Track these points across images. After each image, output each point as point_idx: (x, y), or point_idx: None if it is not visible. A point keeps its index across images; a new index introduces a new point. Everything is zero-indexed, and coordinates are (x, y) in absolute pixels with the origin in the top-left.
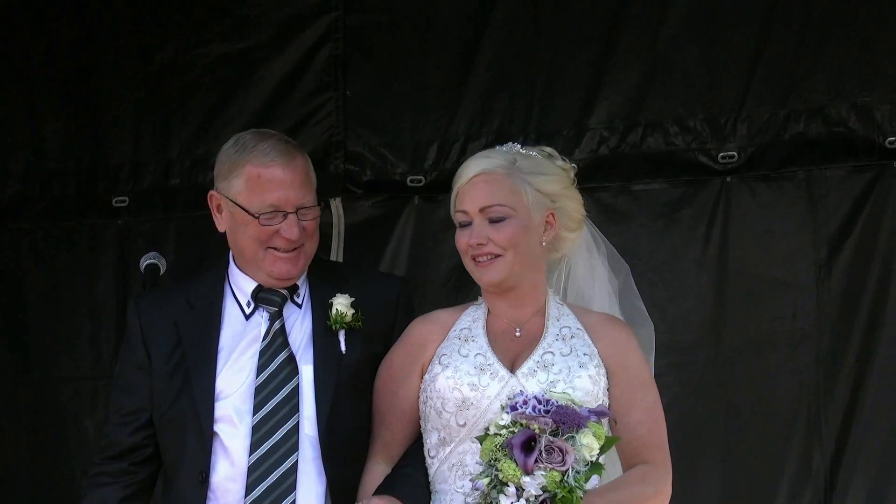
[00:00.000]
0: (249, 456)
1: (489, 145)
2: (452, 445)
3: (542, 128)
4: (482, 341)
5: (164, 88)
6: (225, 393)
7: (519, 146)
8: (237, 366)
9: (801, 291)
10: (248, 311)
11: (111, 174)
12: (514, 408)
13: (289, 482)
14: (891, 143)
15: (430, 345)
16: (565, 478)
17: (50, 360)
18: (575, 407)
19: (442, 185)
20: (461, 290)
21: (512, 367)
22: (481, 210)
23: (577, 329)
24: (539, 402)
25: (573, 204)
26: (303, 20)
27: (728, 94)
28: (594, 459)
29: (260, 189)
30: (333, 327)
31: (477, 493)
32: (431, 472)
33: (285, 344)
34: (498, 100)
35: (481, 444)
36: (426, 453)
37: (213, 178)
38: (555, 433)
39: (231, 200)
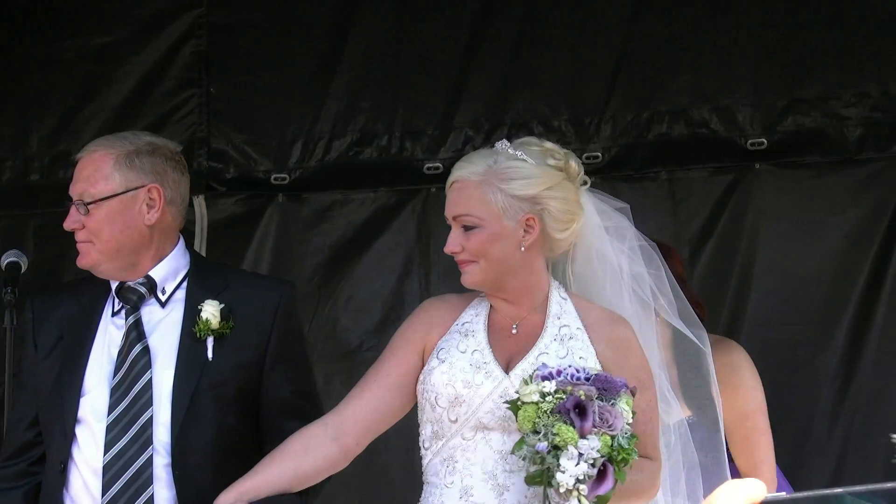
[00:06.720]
0: (104, 455)
1: (355, 143)
2: (444, 440)
3: (407, 127)
4: (481, 337)
5: (23, 83)
6: (86, 390)
7: (508, 145)
8: (99, 363)
9: None
10: (115, 308)
11: None
12: (545, 377)
13: (142, 480)
14: (752, 144)
15: (435, 329)
16: (615, 441)
17: None
18: (610, 375)
19: (306, 184)
20: (325, 288)
21: (507, 367)
22: (454, 218)
23: (577, 329)
24: (577, 371)
25: (558, 204)
26: (166, 16)
27: (592, 96)
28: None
29: None
30: (199, 335)
31: (535, 457)
32: (424, 462)
33: (139, 338)
34: (363, 98)
35: (516, 414)
36: (420, 444)
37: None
38: (599, 399)
39: None
